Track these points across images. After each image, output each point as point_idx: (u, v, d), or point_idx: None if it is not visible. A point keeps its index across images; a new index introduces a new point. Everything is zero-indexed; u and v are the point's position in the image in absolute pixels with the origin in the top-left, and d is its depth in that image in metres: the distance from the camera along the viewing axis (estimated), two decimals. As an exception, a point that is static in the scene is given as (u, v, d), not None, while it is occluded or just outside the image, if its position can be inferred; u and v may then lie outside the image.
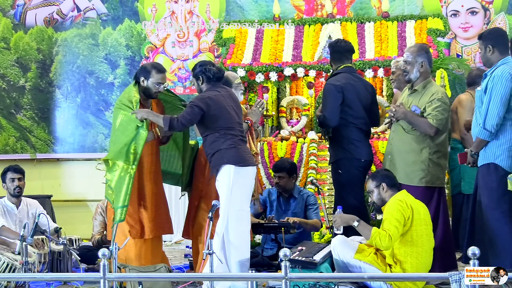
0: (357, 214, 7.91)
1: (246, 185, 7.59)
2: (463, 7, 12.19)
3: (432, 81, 7.90)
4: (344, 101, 8.21)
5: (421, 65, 7.78)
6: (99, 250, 5.67)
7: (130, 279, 7.32)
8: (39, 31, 13.11)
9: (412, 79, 7.85)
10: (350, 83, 8.29)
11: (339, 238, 7.31)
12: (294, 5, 12.52)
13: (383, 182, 7.32)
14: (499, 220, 7.20)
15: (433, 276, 7.17)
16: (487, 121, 7.16)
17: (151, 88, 7.87)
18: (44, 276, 7.64)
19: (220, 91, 7.67)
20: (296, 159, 9.95)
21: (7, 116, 13.11)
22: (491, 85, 7.17)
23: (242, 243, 7.58)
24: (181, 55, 12.86)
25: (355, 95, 8.27)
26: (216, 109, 7.50)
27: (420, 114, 7.67)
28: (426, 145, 7.69)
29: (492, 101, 7.14)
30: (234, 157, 7.47)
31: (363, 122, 8.34)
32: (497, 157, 7.22)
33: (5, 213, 8.72)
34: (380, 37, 11.16)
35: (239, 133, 7.66)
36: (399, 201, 7.09)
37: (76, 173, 12.93)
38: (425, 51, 7.89)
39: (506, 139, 7.20)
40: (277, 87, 10.95)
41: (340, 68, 8.44)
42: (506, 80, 7.10)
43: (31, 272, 7.47)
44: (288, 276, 6.06)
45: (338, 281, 7.03)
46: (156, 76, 7.88)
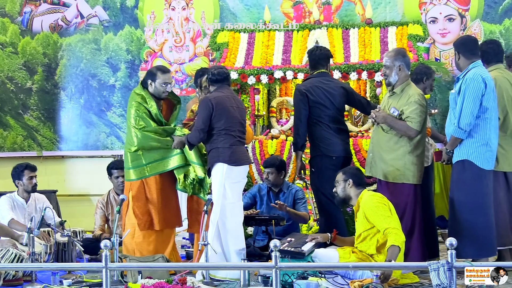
0: (329, 211, 7.95)
1: (238, 182, 7.69)
2: (441, 14, 12.22)
3: (410, 83, 7.85)
4: (311, 102, 8.21)
5: (399, 68, 7.75)
6: (101, 242, 5.68)
7: (130, 269, 7.31)
8: (45, 37, 13.09)
9: (391, 82, 7.82)
10: (316, 85, 8.28)
11: (319, 251, 7.35)
12: (283, 12, 12.53)
13: (351, 178, 7.40)
14: (473, 213, 7.22)
15: (413, 265, 7.20)
16: (461, 120, 7.18)
17: (159, 89, 7.94)
18: (50, 265, 7.63)
19: (224, 92, 7.73)
20: (286, 156, 9.96)
21: (15, 116, 13.10)
22: (464, 87, 7.21)
23: (236, 233, 7.62)
24: (178, 59, 12.86)
25: (324, 95, 8.24)
26: (218, 110, 7.58)
27: (398, 115, 7.65)
28: (404, 144, 7.67)
29: (465, 101, 7.16)
30: (228, 157, 7.57)
31: (335, 120, 8.31)
32: (470, 154, 7.24)
33: (15, 207, 8.71)
34: (364, 42, 11.15)
35: (238, 133, 7.70)
36: (373, 196, 7.23)
37: (79, 170, 12.93)
38: (402, 55, 7.85)
39: (479, 137, 7.22)
40: (268, 89, 10.95)
41: (314, 73, 8.45)
42: (478, 82, 7.15)
43: (38, 262, 7.46)
44: (278, 266, 6.05)
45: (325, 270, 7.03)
46: (162, 76, 7.95)
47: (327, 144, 8.23)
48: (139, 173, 7.90)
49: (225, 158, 7.56)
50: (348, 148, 8.47)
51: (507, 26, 11.99)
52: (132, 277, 7.27)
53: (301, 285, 6.80)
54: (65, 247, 8.34)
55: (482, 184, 7.23)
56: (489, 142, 7.23)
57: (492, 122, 7.23)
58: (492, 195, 7.36)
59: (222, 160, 7.56)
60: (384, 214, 7.03)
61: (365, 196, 7.30)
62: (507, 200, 7.67)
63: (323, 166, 8.17)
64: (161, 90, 7.95)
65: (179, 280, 7.00)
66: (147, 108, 7.90)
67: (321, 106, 8.23)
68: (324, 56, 8.55)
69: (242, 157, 7.69)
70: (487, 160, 7.24)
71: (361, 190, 7.40)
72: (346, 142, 8.44)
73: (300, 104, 8.26)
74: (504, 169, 7.65)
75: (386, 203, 7.13)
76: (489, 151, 7.23)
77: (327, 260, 7.24)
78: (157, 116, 7.93)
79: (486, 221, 7.22)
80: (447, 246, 5.89)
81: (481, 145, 7.20)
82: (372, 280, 6.57)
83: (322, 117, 8.25)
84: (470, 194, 7.25)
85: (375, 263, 7.09)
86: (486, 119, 7.20)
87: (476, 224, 7.19)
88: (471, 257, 7.10)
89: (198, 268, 7.69)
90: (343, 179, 7.44)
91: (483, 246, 7.21)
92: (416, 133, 7.59)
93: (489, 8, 12.10)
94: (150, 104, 7.91)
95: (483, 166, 7.21)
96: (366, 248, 7.23)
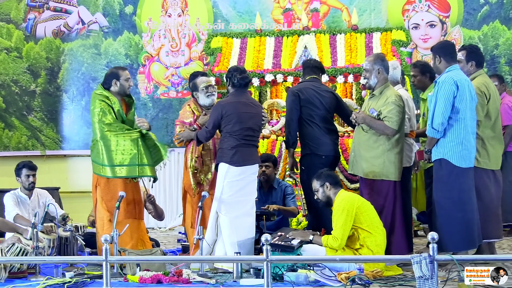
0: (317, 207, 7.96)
1: (238, 180, 7.73)
2: (423, 20, 12.26)
3: (389, 86, 7.85)
4: (302, 101, 8.22)
5: (378, 71, 7.77)
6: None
7: (129, 261, 7.31)
8: (48, 42, 13.07)
9: (371, 84, 7.84)
10: (308, 87, 8.32)
11: (307, 246, 7.40)
12: (274, 19, 12.54)
13: (326, 181, 7.47)
14: (450, 209, 7.22)
15: (397, 258, 7.21)
16: (434, 120, 7.18)
17: (124, 85, 8.09)
18: (53, 258, 7.62)
19: (240, 99, 7.85)
20: (276, 155, 9.96)
21: (20, 117, 13.08)
22: (437, 89, 7.22)
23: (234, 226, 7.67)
24: (174, 63, 12.85)
25: (315, 96, 8.26)
26: (227, 115, 7.72)
27: (377, 115, 7.67)
28: (382, 143, 7.68)
29: (437, 103, 7.17)
30: (230, 158, 7.69)
31: (325, 120, 8.31)
32: (446, 153, 7.23)
33: (19, 203, 8.71)
34: (350, 47, 11.17)
35: (245, 136, 7.76)
36: (342, 200, 7.29)
37: (81, 168, 12.89)
38: (381, 59, 7.87)
39: (454, 136, 7.21)
40: (259, 91, 10.94)
41: (307, 78, 8.49)
42: (449, 84, 7.14)
43: (41, 255, 7.45)
44: (269, 259, 6.06)
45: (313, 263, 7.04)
46: (123, 73, 8.14)
47: (317, 144, 8.23)
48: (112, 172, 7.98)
49: (227, 158, 7.70)
50: (337, 148, 8.47)
51: (485, 31, 12.02)
52: (131, 269, 7.27)
53: (291, 277, 6.81)
54: (67, 241, 8.33)
55: (458, 181, 7.21)
56: (464, 141, 7.20)
57: (466, 122, 7.19)
58: (471, 192, 7.33)
59: (224, 160, 7.71)
60: (336, 219, 7.22)
61: (340, 196, 7.40)
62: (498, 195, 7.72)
63: (312, 165, 8.16)
64: (126, 85, 8.12)
65: (175, 272, 7.01)
66: (110, 105, 7.99)
67: (311, 106, 8.24)
68: (317, 65, 8.67)
69: (245, 158, 7.75)
70: (462, 159, 7.22)
71: (338, 189, 7.49)
72: (335, 142, 8.44)
73: (292, 104, 8.27)
74: (492, 167, 7.66)
75: (347, 209, 7.20)
76: (464, 150, 7.20)
77: (315, 254, 7.26)
78: (120, 112, 8.04)
79: (463, 216, 7.19)
80: (428, 240, 5.91)
81: (455, 144, 7.19)
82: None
83: (312, 117, 8.25)
84: (447, 191, 7.25)
85: (361, 256, 7.12)
86: (459, 120, 7.18)
87: (454, 220, 7.19)
88: (451, 250, 7.11)
89: (193, 261, 7.71)
90: (320, 185, 7.52)
91: (461, 240, 7.21)
92: (393, 131, 7.61)
93: (468, 15, 12.14)
94: (113, 101, 8.02)
95: (458, 164, 7.19)
96: (350, 242, 7.27)
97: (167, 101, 12.81)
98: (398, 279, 6.92)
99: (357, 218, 7.22)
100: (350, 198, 7.34)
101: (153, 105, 12.85)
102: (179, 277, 6.94)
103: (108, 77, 8.13)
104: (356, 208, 7.22)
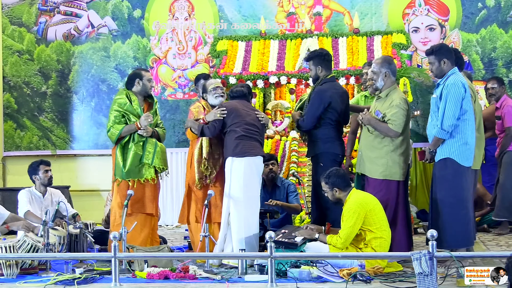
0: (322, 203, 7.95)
1: (243, 174, 7.78)
2: (423, 24, 12.22)
3: (396, 88, 7.83)
4: (330, 105, 8.15)
5: (385, 74, 7.75)
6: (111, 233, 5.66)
7: (137, 258, 7.30)
8: (59, 45, 13.08)
9: (378, 87, 7.82)
10: (336, 92, 8.22)
11: (310, 243, 7.41)
12: (277, 22, 12.51)
13: (335, 187, 7.41)
14: (454, 207, 7.22)
15: (398, 255, 7.19)
16: (444, 122, 7.18)
17: (146, 84, 8.29)
18: (63, 255, 7.60)
19: (238, 102, 8.16)
20: (280, 155, 9.98)
21: (31, 118, 13.09)
22: (446, 92, 7.22)
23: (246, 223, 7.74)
24: (181, 65, 12.84)
25: (340, 100, 8.22)
26: (228, 112, 7.96)
27: (382, 117, 7.65)
28: (387, 144, 7.66)
29: (447, 105, 7.18)
30: (233, 149, 7.83)
31: (338, 122, 8.30)
32: (452, 152, 7.24)
33: (33, 200, 8.69)
34: (352, 50, 11.16)
35: (244, 128, 7.91)
36: (355, 203, 7.24)
37: (90, 167, 12.93)
38: (388, 62, 7.84)
39: (460, 137, 7.24)
40: (263, 93, 10.93)
41: (329, 77, 8.33)
42: (458, 87, 7.18)
43: (52, 252, 7.45)
44: (273, 255, 6.06)
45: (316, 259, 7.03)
46: (146, 74, 8.37)
47: (337, 144, 8.22)
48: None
49: (230, 151, 7.84)
50: (344, 148, 8.51)
51: (483, 35, 11.99)
52: (139, 265, 7.26)
53: (294, 273, 6.80)
54: (77, 238, 8.30)
55: (462, 180, 7.24)
56: (468, 141, 7.25)
57: (470, 123, 7.27)
58: (471, 190, 7.39)
59: (228, 154, 7.86)
60: (345, 220, 7.19)
61: (352, 197, 7.35)
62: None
63: (329, 163, 8.10)
64: (148, 85, 8.31)
65: (182, 268, 7.00)
66: (131, 101, 8.20)
67: (334, 111, 8.18)
68: (330, 59, 8.55)
69: (247, 149, 7.84)
70: (466, 158, 7.26)
71: (348, 190, 7.43)
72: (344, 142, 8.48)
73: (320, 106, 8.11)
74: (476, 167, 7.68)
75: (358, 212, 7.17)
76: (468, 150, 7.26)
77: (318, 250, 7.25)
78: (137, 110, 8.18)
79: (465, 214, 7.22)
80: (428, 237, 5.90)
81: (461, 144, 7.23)
82: None
83: (334, 120, 8.20)
84: (451, 190, 7.25)
85: (362, 253, 7.12)
86: (465, 121, 7.23)
87: (457, 217, 7.18)
88: (451, 247, 7.09)
89: (199, 257, 7.71)
90: (329, 188, 7.47)
91: (462, 237, 7.21)
92: (396, 134, 7.59)
93: (466, 19, 12.10)
94: (133, 99, 8.21)
95: (463, 163, 7.23)
96: (355, 241, 7.26)
97: (174, 102, 12.79)
98: (398, 275, 6.91)
99: (367, 220, 7.20)
100: (363, 201, 7.27)
101: (160, 106, 12.81)
102: (186, 273, 6.93)
103: (132, 77, 8.40)
104: (367, 211, 7.20)
